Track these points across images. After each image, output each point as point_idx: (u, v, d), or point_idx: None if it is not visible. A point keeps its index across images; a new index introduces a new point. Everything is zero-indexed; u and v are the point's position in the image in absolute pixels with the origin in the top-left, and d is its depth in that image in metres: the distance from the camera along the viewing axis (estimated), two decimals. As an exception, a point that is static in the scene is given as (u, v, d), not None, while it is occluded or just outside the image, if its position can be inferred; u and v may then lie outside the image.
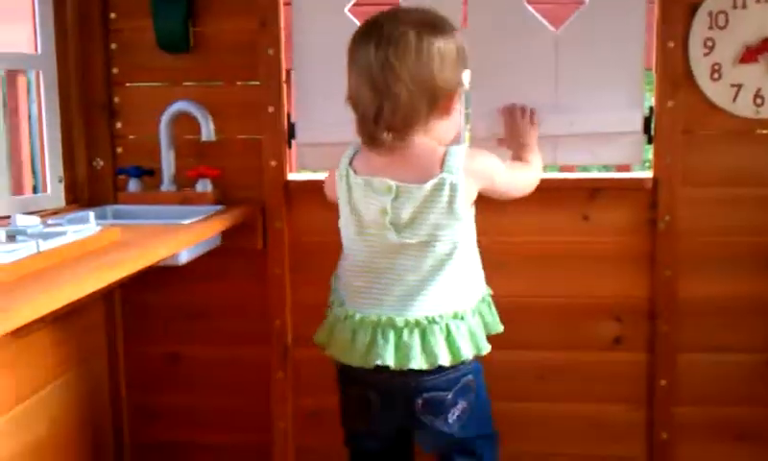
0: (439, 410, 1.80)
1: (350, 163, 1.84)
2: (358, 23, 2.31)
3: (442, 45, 1.74)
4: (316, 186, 2.35)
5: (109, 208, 2.28)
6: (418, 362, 1.74)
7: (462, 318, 1.79)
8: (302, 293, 2.39)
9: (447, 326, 1.77)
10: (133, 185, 2.34)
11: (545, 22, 2.27)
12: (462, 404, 1.81)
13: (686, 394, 2.32)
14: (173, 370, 2.49)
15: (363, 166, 1.82)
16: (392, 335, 1.75)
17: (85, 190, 2.41)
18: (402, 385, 1.78)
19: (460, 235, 1.78)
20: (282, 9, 2.34)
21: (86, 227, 1.70)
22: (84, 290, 1.42)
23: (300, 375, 2.44)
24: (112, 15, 2.40)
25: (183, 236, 1.89)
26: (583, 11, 2.26)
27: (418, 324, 1.75)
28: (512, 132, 2.17)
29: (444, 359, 1.75)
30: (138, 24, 2.36)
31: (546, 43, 2.26)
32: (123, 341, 2.49)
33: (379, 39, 1.73)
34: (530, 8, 2.27)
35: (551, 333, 2.33)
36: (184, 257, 1.97)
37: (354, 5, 2.34)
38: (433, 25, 1.76)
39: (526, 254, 2.17)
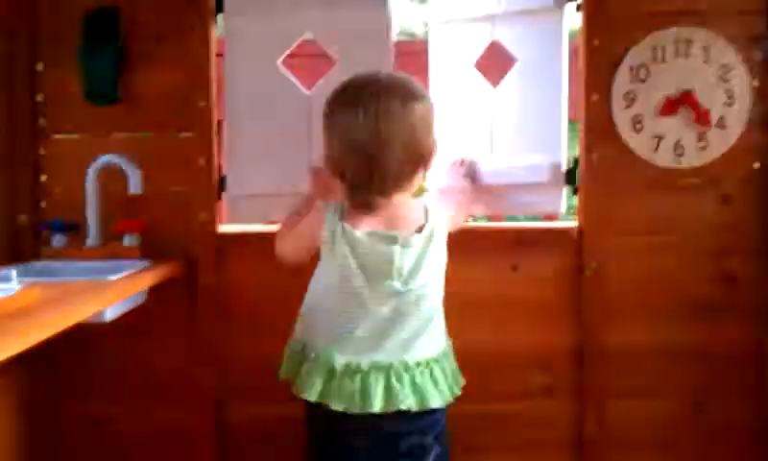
0: (420, 454, 1.87)
1: (341, 219, 1.87)
2: (290, 76, 2.33)
3: (423, 110, 1.86)
4: (247, 239, 2.36)
5: (32, 265, 2.22)
6: (410, 403, 1.83)
7: (447, 358, 1.95)
8: (232, 349, 2.35)
9: (441, 367, 1.92)
10: (58, 240, 2.28)
11: (487, 81, 2.36)
12: (437, 449, 1.90)
13: (616, 440, 2.35)
14: (97, 432, 2.39)
15: (355, 220, 1.87)
16: (406, 379, 1.85)
17: (7, 247, 2.34)
18: (391, 428, 1.84)
19: (443, 280, 1.95)
20: (214, 60, 2.34)
21: (8, 285, 1.66)
22: (4, 354, 1.38)
23: (230, 432, 2.38)
24: (39, 66, 2.36)
25: (109, 293, 1.85)
26: (516, 68, 2.33)
27: (424, 364, 1.88)
28: (450, 179, 2.30)
29: (436, 402, 1.86)
30: (66, 75, 2.33)
31: (486, 99, 2.36)
32: (44, 402, 2.40)
33: (366, 107, 1.81)
34: (476, 70, 2.37)
35: (481, 383, 2.33)
36: (109, 315, 1.93)
37: (287, 57, 2.35)
38: (413, 91, 1.87)
39: (455, 304, 2.18)
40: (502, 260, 2.34)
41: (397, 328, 1.87)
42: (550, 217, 2.56)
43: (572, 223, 2.38)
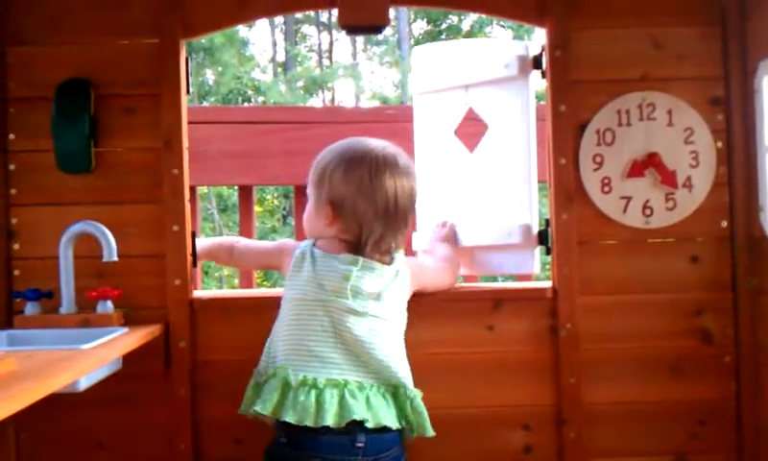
0: None
1: (313, 246, 2.06)
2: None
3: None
4: (221, 304, 2.36)
5: (5, 333, 2.19)
6: (363, 415, 1.91)
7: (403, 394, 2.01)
8: (208, 414, 2.32)
9: (396, 398, 2.00)
10: (31, 309, 2.26)
11: (464, 147, 2.41)
12: None
13: (597, 500, 2.34)
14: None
15: (326, 249, 2.05)
16: (361, 397, 1.93)
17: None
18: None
19: (404, 319, 2.08)
20: (186, 128, 2.36)
21: (-20, 356, 1.63)
22: (-25, 425, 1.35)
23: (206, 498, 2.34)
24: (11, 136, 2.36)
25: (83, 363, 1.82)
26: (488, 133, 2.38)
27: (377, 387, 1.97)
28: (434, 241, 2.40)
29: (390, 421, 1.94)
30: (38, 144, 2.33)
31: (464, 164, 2.43)
32: (16, 473, 2.36)
33: (394, 168, 2.01)
34: (456, 137, 2.44)
35: (460, 445, 2.33)
36: (83, 384, 1.90)
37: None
38: (412, 166, 2.12)
39: (432, 366, 2.19)
40: (479, 321, 2.35)
41: (352, 349, 1.97)
42: (525, 277, 2.59)
43: (547, 283, 2.40)
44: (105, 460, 2.35)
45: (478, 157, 2.42)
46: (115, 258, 2.23)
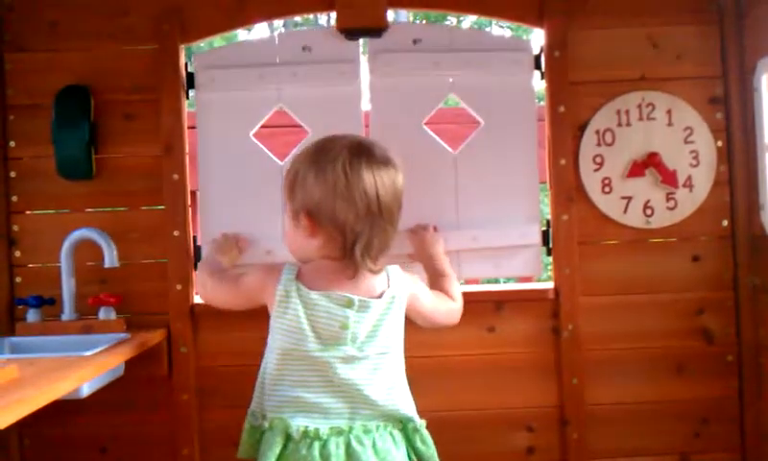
0: None
1: (297, 279, 1.83)
2: (262, 147, 2.36)
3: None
4: (223, 309, 2.34)
5: (7, 341, 2.19)
6: None
7: (410, 428, 1.88)
8: (210, 419, 2.33)
9: (420, 426, 1.88)
10: (33, 316, 2.26)
11: (443, 144, 2.36)
12: None
13: (601, 501, 2.35)
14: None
15: (312, 281, 1.83)
16: (367, 442, 1.79)
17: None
18: None
19: (402, 346, 1.87)
20: (187, 133, 2.36)
21: (-17, 364, 1.63)
22: (-22, 433, 1.35)
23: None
24: (12, 143, 2.37)
25: (86, 369, 1.82)
26: (479, 131, 2.36)
27: (383, 428, 1.83)
28: (419, 246, 2.24)
29: None
30: (39, 152, 2.34)
31: (446, 163, 2.35)
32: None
33: (371, 161, 1.79)
34: (428, 130, 2.36)
35: (463, 448, 2.33)
36: (86, 390, 1.90)
37: (260, 128, 2.38)
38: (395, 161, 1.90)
39: (434, 369, 2.19)
40: (480, 323, 2.34)
41: (355, 394, 1.81)
42: (526, 278, 2.59)
43: (548, 284, 2.40)
44: (108, 466, 2.35)
45: (464, 156, 2.35)
46: (116, 264, 2.24)
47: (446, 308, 2.08)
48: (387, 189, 1.80)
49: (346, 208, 1.77)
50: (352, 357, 1.80)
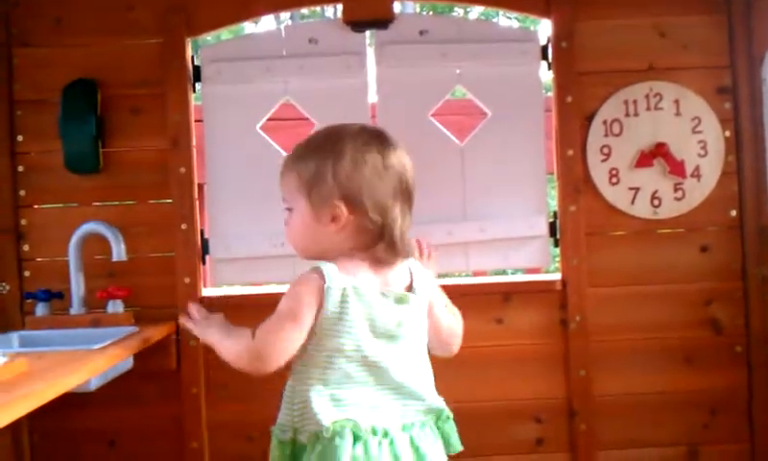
0: None
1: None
2: (269, 139, 2.36)
3: None
4: (231, 302, 2.35)
5: (16, 335, 2.20)
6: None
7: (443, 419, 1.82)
8: (219, 412, 2.33)
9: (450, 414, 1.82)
10: (42, 309, 2.27)
11: (450, 135, 2.36)
12: None
13: (609, 491, 2.34)
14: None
15: (358, 278, 1.70)
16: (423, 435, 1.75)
17: (-9, 316, 2.33)
18: None
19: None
20: (193, 126, 2.37)
21: (-6, 358, 1.64)
22: (-12, 427, 1.35)
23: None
24: (20, 138, 2.37)
25: (94, 363, 1.83)
26: (486, 122, 2.36)
27: (431, 414, 1.77)
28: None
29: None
30: (46, 146, 2.35)
31: (453, 154, 2.35)
32: (29, 473, 2.37)
33: (392, 145, 1.72)
34: (435, 121, 2.36)
35: (473, 439, 2.32)
36: (95, 384, 1.91)
37: (267, 121, 2.38)
38: None
39: (442, 361, 2.17)
40: (488, 315, 2.35)
41: (405, 390, 1.73)
42: (534, 270, 2.59)
43: (556, 275, 2.40)
44: (117, 459, 2.36)
45: (471, 147, 2.35)
46: (124, 258, 2.24)
47: (453, 320, 1.92)
48: (411, 170, 1.74)
49: (384, 191, 1.69)
50: (402, 355, 1.73)
